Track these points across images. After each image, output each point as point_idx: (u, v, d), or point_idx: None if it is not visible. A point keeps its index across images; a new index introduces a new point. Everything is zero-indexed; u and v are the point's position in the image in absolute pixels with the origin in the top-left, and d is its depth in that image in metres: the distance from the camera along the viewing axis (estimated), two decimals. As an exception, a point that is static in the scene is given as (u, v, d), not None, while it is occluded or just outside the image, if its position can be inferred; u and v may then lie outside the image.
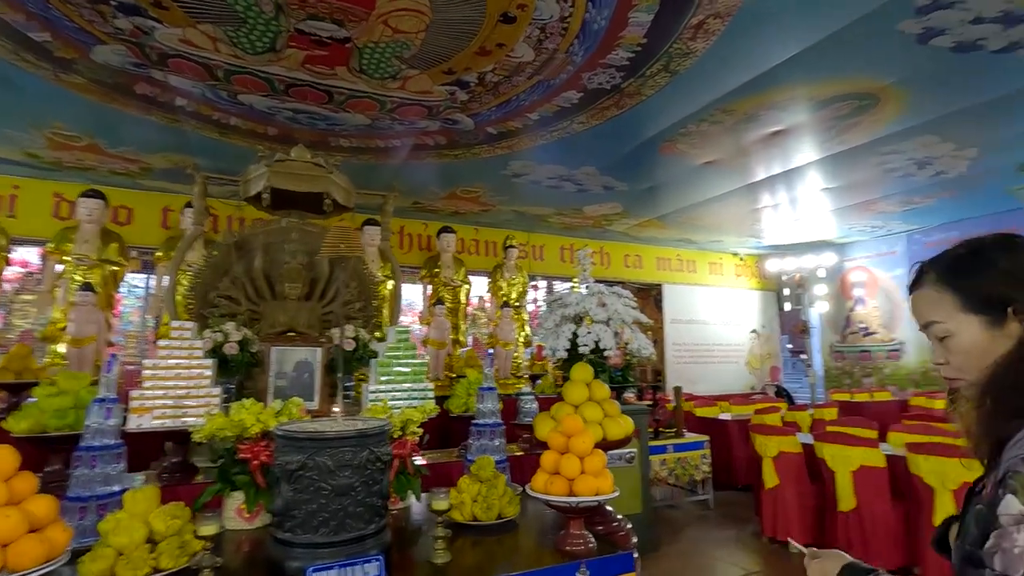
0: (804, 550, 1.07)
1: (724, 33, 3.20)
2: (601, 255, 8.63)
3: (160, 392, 2.58)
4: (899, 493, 3.03)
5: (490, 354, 2.81)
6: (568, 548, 1.78)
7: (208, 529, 1.48)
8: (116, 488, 1.86)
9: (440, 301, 5.76)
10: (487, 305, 7.27)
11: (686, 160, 5.28)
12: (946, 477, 2.71)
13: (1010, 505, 0.66)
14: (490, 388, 2.55)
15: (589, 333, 3.49)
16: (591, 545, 1.80)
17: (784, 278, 9.74)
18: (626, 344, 3.89)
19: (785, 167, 5.51)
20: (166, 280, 5.21)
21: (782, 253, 9.47)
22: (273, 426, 2.04)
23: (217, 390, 2.76)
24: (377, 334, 4.58)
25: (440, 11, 3.00)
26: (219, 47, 3.33)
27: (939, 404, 6.71)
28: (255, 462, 2.00)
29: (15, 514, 1.19)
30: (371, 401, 2.98)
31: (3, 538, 1.16)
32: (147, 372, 2.56)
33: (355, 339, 3.87)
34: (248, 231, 4.13)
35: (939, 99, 4.02)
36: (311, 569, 1.47)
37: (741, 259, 10.03)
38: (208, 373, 2.76)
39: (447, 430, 4.25)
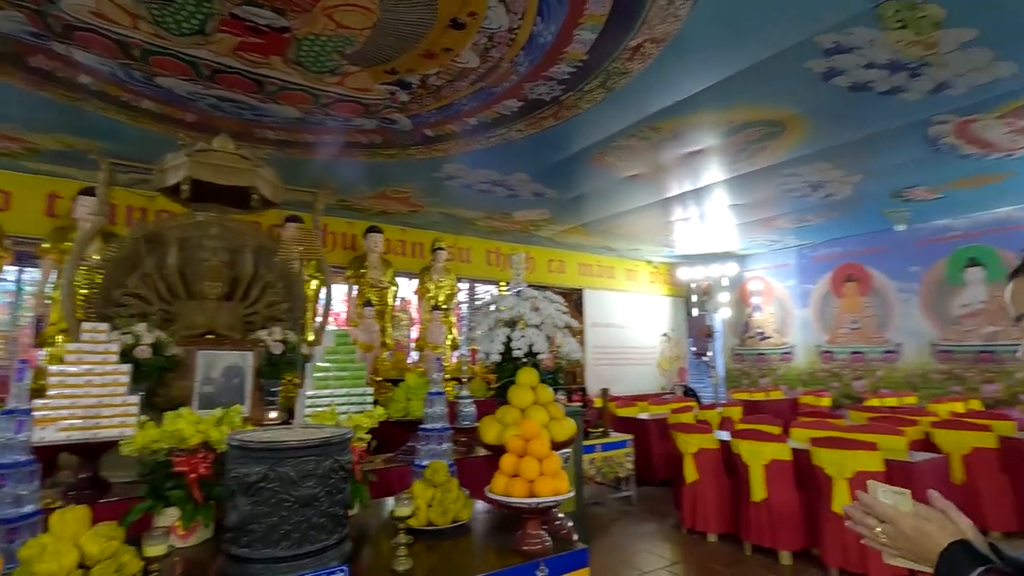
0: (900, 491, 0.85)
1: (658, 57, 3.42)
2: (527, 259, 8.80)
3: (67, 401, 2.33)
4: (802, 483, 3.40)
5: (438, 360, 2.80)
6: (526, 548, 1.82)
7: (156, 549, 1.38)
8: (29, 510, 1.66)
9: (368, 303, 5.61)
10: (409, 307, 7.17)
11: (612, 172, 5.54)
12: (843, 467, 3.08)
13: None
14: (439, 393, 2.54)
15: (523, 337, 3.58)
16: (548, 544, 1.86)
17: (693, 285, 10.46)
18: (558, 348, 4.03)
19: (697, 184, 5.94)
20: (54, 275, 4.68)
21: (691, 262, 10.15)
22: (219, 436, 1.93)
23: (135, 398, 2.53)
24: (307, 337, 4.40)
25: (389, 11, 2.96)
26: (139, 24, 3.06)
27: (824, 402, 7.51)
28: (193, 475, 1.87)
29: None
30: (308, 407, 2.86)
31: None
32: (53, 379, 2.29)
33: (283, 342, 3.70)
34: (161, 224, 3.81)
35: (834, 130, 4.53)
36: (273, 585, 1.41)
37: (655, 267, 10.63)
38: (124, 380, 2.52)
39: (384, 435, 4.16)
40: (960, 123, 4.41)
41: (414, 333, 6.98)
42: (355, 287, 6.40)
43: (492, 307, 3.76)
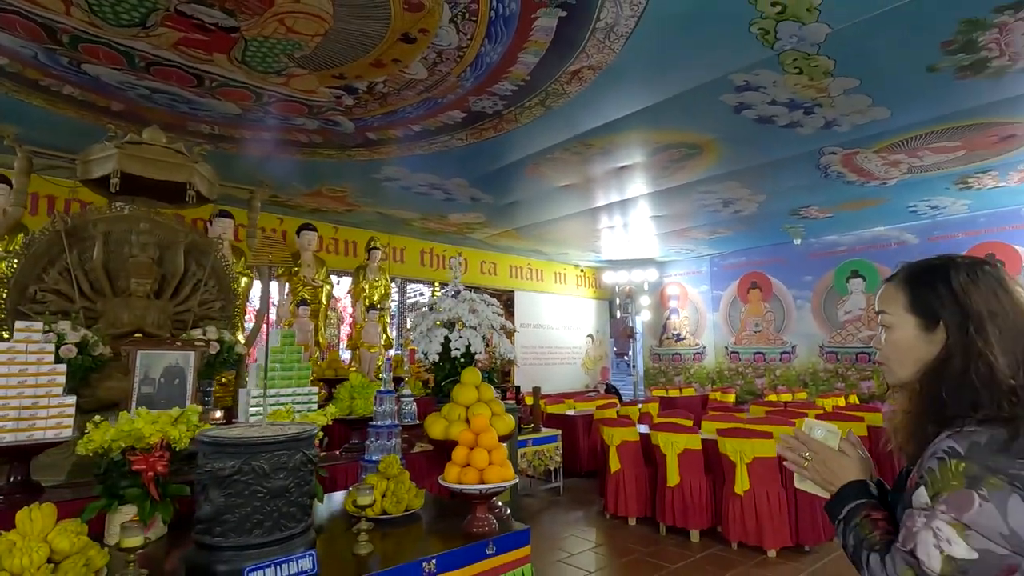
0: (832, 430, 0.97)
1: (594, 82, 3.72)
2: (459, 260, 8.95)
3: (-3, 403, 2.25)
4: (709, 469, 3.83)
5: (388, 360, 2.93)
6: (476, 529, 2.03)
7: (133, 541, 1.46)
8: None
9: (304, 301, 5.56)
10: (337, 304, 7.13)
11: (546, 182, 5.84)
12: (744, 454, 3.53)
13: (920, 495, 0.76)
14: (388, 392, 2.68)
15: (460, 338, 3.78)
16: (494, 525, 2.07)
17: (617, 289, 11.06)
18: (494, 348, 4.26)
19: (623, 196, 6.38)
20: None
21: (616, 267, 10.74)
22: (179, 435, 1.99)
23: (71, 399, 2.47)
24: (238, 336, 4.32)
25: (342, 21, 3.04)
26: (72, 11, 2.95)
27: (730, 398, 8.25)
28: (150, 473, 1.91)
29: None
30: (253, 407, 2.89)
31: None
32: (-19, 380, 2.21)
33: (219, 341, 3.66)
34: (84, 217, 3.64)
35: (743, 155, 5.07)
36: (247, 569, 1.52)
37: (582, 271, 11.13)
38: (61, 380, 2.46)
39: (328, 432, 4.20)
40: (845, 155, 5.09)
41: (343, 332, 6.96)
42: (287, 285, 6.30)
43: (428, 308, 3.93)
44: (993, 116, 4.31)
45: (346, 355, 6.56)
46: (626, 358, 14.62)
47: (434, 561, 1.82)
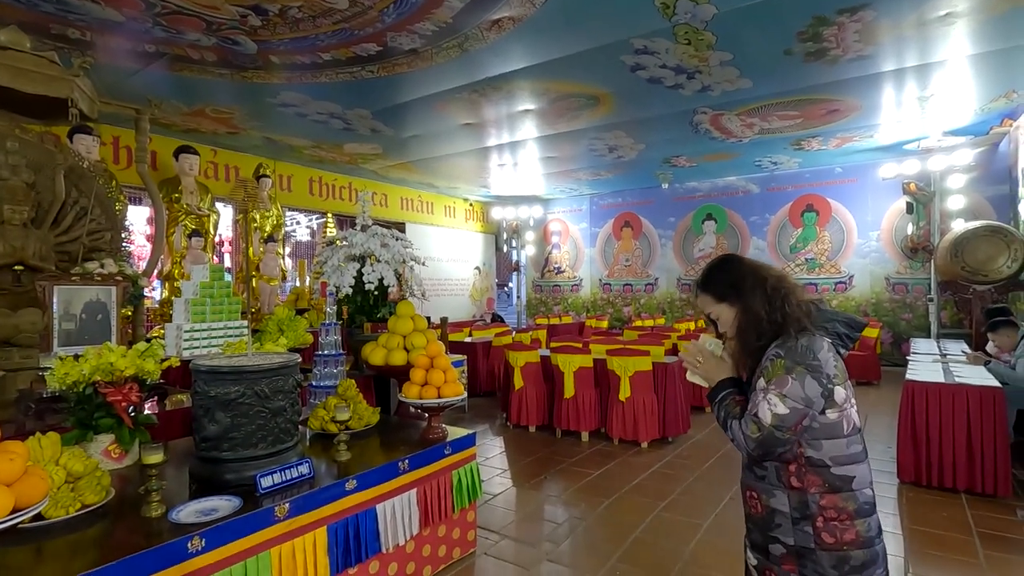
0: (718, 342, 1.35)
1: (512, 32, 3.92)
2: (350, 191, 8.76)
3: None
4: (599, 383, 4.57)
5: (331, 295, 3.09)
6: (432, 436, 2.42)
7: (155, 458, 1.63)
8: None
9: (197, 232, 5.25)
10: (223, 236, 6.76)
11: (449, 119, 5.95)
12: (627, 369, 4.29)
13: (760, 383, 1.18)
14: (332, 323, 2.88)
15: (373, 271, 3.99)
16: (446, 432, 2.48)
17: (504, 224, 11.54)
18: (406, 281, 4.52)
19: (518, 137, 6.69)
20: None
21: (504, 203, 11.16)
22: (152, 368, 2.08)
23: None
24: (122, 266, 4.08)
25: (266, -58, 2.90)
26: None
27: (603, 324, 9.32)
28: (124, 404, 2.01)
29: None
30: (186, 340, 2.93)
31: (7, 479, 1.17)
32: None
33: (122, 275, 3.50)
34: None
35: (633, 109, 5.62)
36: (259, 475, 1.77)
37: (471, 205, 11.40)
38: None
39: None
40: (713, 115, 5.87)
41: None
42: (166, 213, 5.83)
43: (331, 243, 4.05)
44: (825, 94, 5.27)
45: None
46: (506, 289, 15.44)
47: (407, 461, 2.19)
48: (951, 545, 2.66)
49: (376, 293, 4.17)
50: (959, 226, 6.41)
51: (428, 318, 6.34)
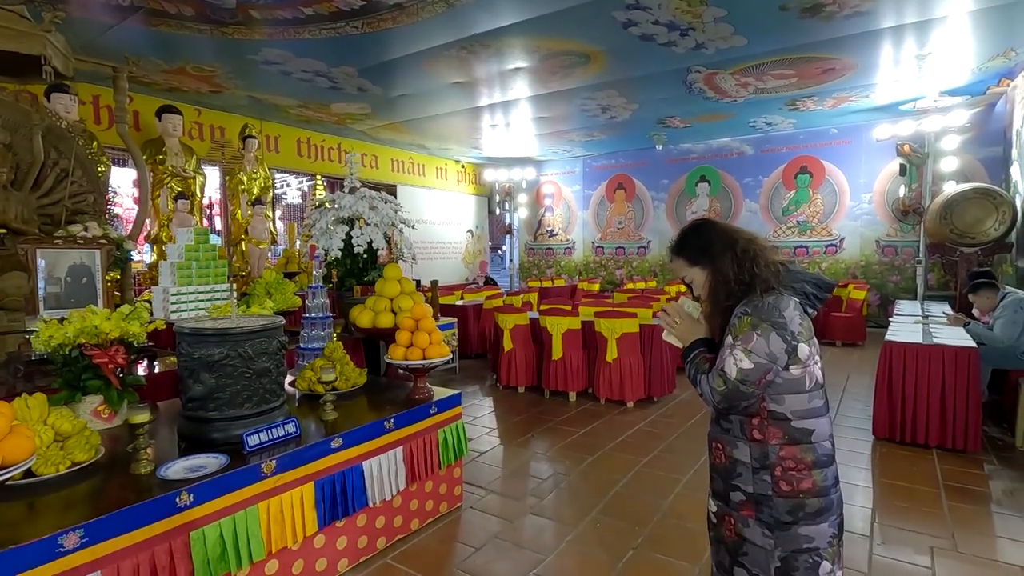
0: (695, 305, 1.39)
1: (499, -14, 3.80)
2: (339, 152, 8.62)
3: None
4: (586, 344, 4.64)
5: (317, 258, 3.09)
6: (418, 397, 2.47)
7: (141, 417, 1.67)
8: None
9: (183, 195, 5.19)
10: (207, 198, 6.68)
11: (439, 77, 5.82)
12: (614, 331, 4.35)
13: (728, 339, 1.23)
14: (320, 286, 2.89)
15: (362, 234, 3.98)
16: (432, 393, 2.53)
17: (496, 186, 11.43)
18: (395, 244, 4.50)
19: (511, 97, 6.56)
20: None
21: (496, 165, 11.02)
22: (138, 330, 2.10)
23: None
24: (105, 228, 4.05)
25: None
26: None
27: (595, 287, 9.36)
28: (111, 366, 2.04)
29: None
30: (173, 303, 2.94)
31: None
32: None
33: (107, 238, 3.47)
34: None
35: (625, 67, 5.50)
36: (246, 434, 1.82)
37: (463, 167, 11.26)
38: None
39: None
40: (708, 74, 5.75)
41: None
42: (151, 175, 5.74)
43: (322, 205, 4.01)
44: (820, 52, 5.16)
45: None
46: (499, 252, 15.41)
47: (392, 420, 2.25)
48: (918, 497, 2.77)
49: (365, 256, 4.16)
50: (950, 188, 6.41)
51: (418, 281, 6.39)
